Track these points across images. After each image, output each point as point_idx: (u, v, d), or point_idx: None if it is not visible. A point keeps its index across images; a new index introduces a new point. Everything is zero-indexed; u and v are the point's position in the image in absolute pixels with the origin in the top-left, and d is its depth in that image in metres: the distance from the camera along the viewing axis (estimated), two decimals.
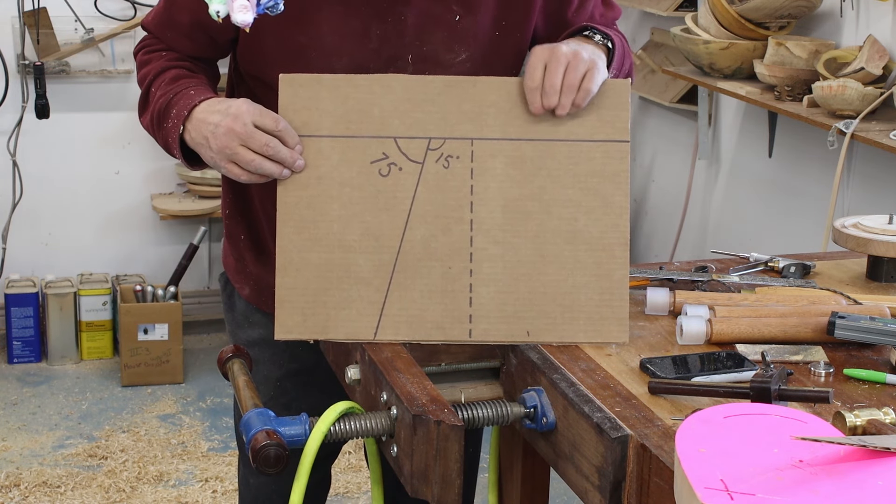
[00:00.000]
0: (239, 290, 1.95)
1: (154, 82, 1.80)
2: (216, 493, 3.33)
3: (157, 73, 1.80)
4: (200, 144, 1.67)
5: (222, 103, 1.66)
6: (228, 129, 1.61)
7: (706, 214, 3.90)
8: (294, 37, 1.70)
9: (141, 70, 1.84)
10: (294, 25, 1.69)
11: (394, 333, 1.63)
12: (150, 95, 1.79)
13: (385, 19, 1.72)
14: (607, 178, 1.63)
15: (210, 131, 1.64)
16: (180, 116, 1.69)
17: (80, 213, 4.34)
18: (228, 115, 1.62)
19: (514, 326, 1.62)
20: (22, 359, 4.18)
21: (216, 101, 1.68)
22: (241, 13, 1.49)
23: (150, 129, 1.80)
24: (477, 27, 1.76)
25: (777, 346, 1.61)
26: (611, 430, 1.34)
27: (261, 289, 1.90)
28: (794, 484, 1.10)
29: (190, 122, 1.68)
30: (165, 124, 1.73)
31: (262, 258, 1.89)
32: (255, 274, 1.91)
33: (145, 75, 1.82)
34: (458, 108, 1.63)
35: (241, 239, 1.92)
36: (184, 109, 1.69)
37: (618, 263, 1.62)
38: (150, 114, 1.78)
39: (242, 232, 1.92)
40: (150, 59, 1.83)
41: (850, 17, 3.14)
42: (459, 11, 1.74)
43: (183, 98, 1.72)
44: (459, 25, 1.75)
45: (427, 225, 1.64)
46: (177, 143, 1.70)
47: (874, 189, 3.06)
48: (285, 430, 1.44)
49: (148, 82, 1.81)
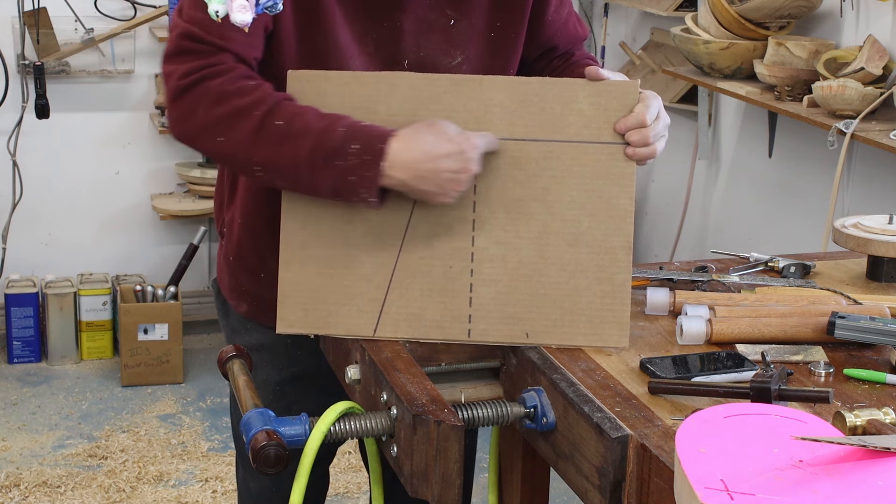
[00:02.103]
0: (235, 308, 1.93)
1: (274, 113, 1.58)
2: (216, 493, 3.33)
3: (274, 103, 1.59)
4: (424, 191, 1.57)
5: (443, 144, 1.55)
6: (470, 174, 1.57)
7: (706, 214, 3.90)
8: (310, 37, 1.69)
9: (228, 102, 1.60)
10: (310, 25, 1.69)
11: (393, 331, 1.63)
12: (276, 129, 1.57)
13: (381, 24, 1.72)
14: (613, 180, 1.62)
15: (447, 178, 1.56)
16: (376, 157, 1.54)
17: (80, 213, 4.34)
18: (466, 160, 1.56)
19: (514, 328, 1.62)
20: (22, 359, 4.18)
21: (426, 140, 1.56)
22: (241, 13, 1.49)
23: (299, 165, 1.57)
24: (472, 30, 1.76)
25: (777, 346, 1.61)
26: (611, 430, 1.34)
27: (260, 305, 1.88)
28: (794, 484, 1.10)
29: (395, 168, 1.54)
30: (339, 163, 1.55)
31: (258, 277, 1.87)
32: (252, 292, 1.89)
33: (250, 106, 1.59)
34: (464, 107, 1.62)
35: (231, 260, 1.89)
36: (378, 149, 1.54)
37: (620, 267, 1.62)
38: (303, 149, 1.56)
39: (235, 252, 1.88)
40: (242, 89, 1.60)
41: (850, 17, 3.13)
42: (454, 16, 1.75)
43: (364, 134, 1.56)
44: (454, 29, 1.75)
45: (429, 224, 1.63)
46: (376, 189, 1.56)
47: (874, 189, 3.06)
48: (285, 430, 1.44)
49: (263, 115, 1.58)
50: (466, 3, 1.75)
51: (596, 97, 1.62)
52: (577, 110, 1.62)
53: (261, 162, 1.59)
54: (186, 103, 1.62)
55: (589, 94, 1.62)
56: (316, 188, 1.59)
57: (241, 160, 1.62)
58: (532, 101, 1.62)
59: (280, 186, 1.64)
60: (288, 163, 1.58)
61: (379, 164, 1.54)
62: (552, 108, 1.62)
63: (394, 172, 1.55)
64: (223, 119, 1.60)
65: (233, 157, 1.63)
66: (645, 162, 1.63)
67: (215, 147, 1.62)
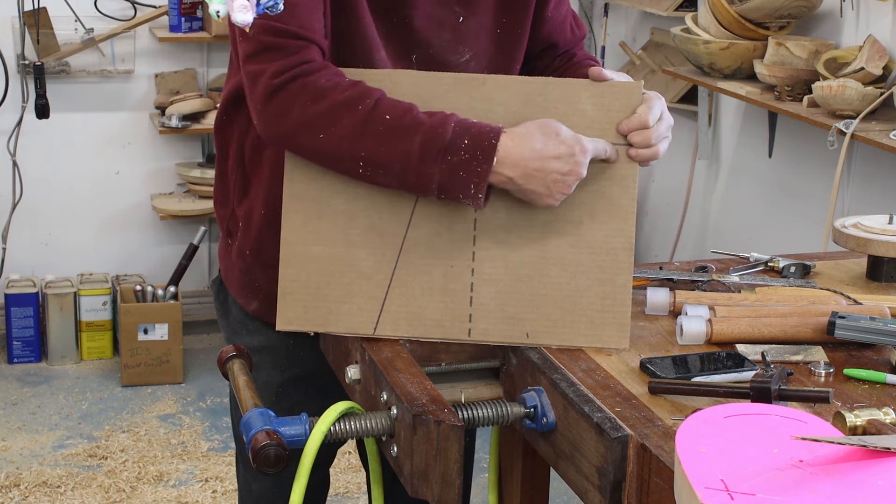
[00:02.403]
0: (244, 305, 1.91)
1: (380, 108, 1.57)
2: (216, 493, 3.33)
3: (378, 98, 1.58)
4: (532, 191, 1.56)
5: (554, 144, 1.55)
6: (578, 177, 1.57)
7: (706, 214, 3.90)
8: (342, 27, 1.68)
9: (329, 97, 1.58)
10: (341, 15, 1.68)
11: (393, 329, 1.63)
12: (383, 123, 1.56)
13: (391, 19, 1.72)
14: (615, 180, 1.62)
15: (555, 180, 1.56)
16: (487, 152, 1.54)
17: (80, 213, 4.34)
18: (575, 163, 1.56)
19: (514, 328, 1.62)
20: (22, 359, 4.18)
21: (537, 139, 1.56)
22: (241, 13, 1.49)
23: (409, 159, 1.55)
24: (479, 27, 1.77)
25: (777, 346, 1.61)
26: (611, 430, 1.34)
27: (271, 303, 1.87)
28: (794, 484, 1.10)
29: (505, 165, 1.54)
30: (451, 158, 1.54)
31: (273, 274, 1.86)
32: (265, 289, 1.87)
33: (352, 100, 1.57)
34: (467, 106, 1.62)
35: (247, 254, 1.88)
36: (490, 145, 1.54)
37: (621, 268, 1.62)
38: (414, 143, 1.55)
39: (252, 248, 1.87)
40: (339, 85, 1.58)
41: (850, 17, 3.13)
42: (462, 13, 1.75)
43: (475, 129, 1.55)
44: (463, 26, 1.75)
45: (430, 222, 1.63)
46: (485, 185, 1.55)
47: (874, 189, 3.06)
48: (285, 430, 1.44)
49: (368, 109, 1.57)
50: (474, 1, 1.75)
51: (599, 98, 1.62)
52: (580, 110, 1.62)
53: (367, 157, 1.57)
54: (281, 101, 1.59)
55: (592, 95, 1.62)
56: (423, 184, 1.57)
57: (344, 156, 1.59)
58: (535, 100, 1.62)
59: (382, 183, 1.61)
60: (397, 157, 1.56)
61: (491, 160, 1.54)
62: (555, 108, 1.62)
63: (503, 170, 1.55)
64: (324, 115, 1.57)
65: (335, 154, 1.60)
66: (648, 163, 1.63)
67: (316, 144, 1.59)
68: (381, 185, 1.61)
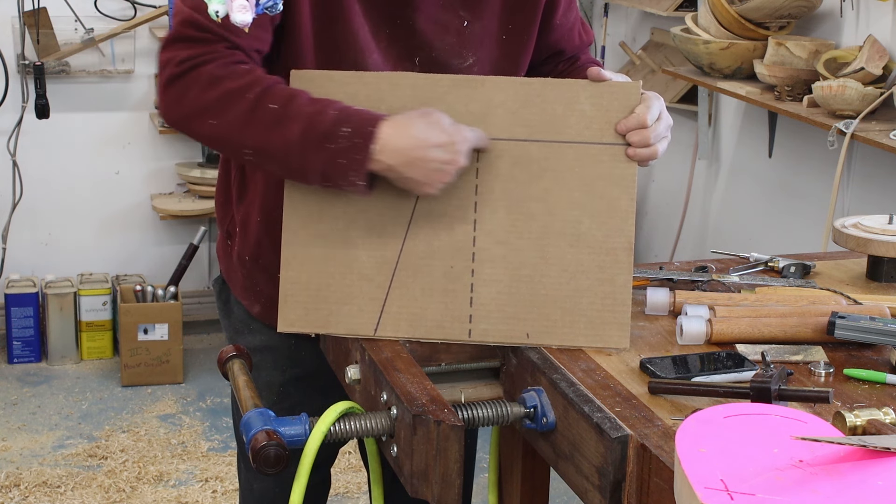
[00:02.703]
0: (248, 308, 1.92)
1: (269, 96, 1.58)
2: (216, 493, 3.33)
3: (268, 86, 1.59)
4: (412, 179, 1.57)
5: (435, 133, 1.56)
6: (458, 166, 1.57)
7: (706, 214, 3.90)
8: (328, 29, 1.69)
9: (221, 84, 1.60)
10: (330, 19, 1.68)
11: (394, 330, 1.63)
12: (269, 111, 1.57)
13: (394, 22, 1.72)
14: (614, 181, 1.62)
15: (435, 168, 1.56)
16: (366, 139, 1.54)
17: (80, 213, 4.34)
18: (454, 152, 1.57)
19: (514, 328, 1.62)
20: (22, 359, 4.18)
21: (417, 128, 1.56)
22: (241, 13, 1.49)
23: (290, 147, 1.56)
24: (484, 32, 1.76)
25: (777, 346, 1.61)
26: (611, 430, 1.34)
27: (273, 306, 1.87)
28: (794, 484, 1.10)
29: (385, 153, 1.54)
30: (330, 145, 1.55)
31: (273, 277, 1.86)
32: (266, 293, 1.88)
33: (243, 88, 1.59)
34: (466, 108, 1.62)
35: (247, 259, 1.88)
36: (368, 132, 1.54)
37: (621, 268, 1.62)
38: (295, 131, 1.56)
39: (251, 252, 1.87)
40: (234, 73, 1.60)
41: (850, 17, 3.14)
42: (467, 17, 1.75)
43: (356, 117, 1.56)
44: (467, 31, 1.75)
45: (430, 224, 1.63)
46: (364, 173, 1.55)
47: (874, 189, 3.06)
48: (285, 430, 1.44)
49: (256, 97, 1.58)
50: (479, 5, 1.75)
51: (598, 98, 1.62)
52: (578, 111, 1.62)
53: (252, 145, 1.59)
54: (178, 88, 1.62)
55: (591, 95, 1.62)
56: (306, 172, 1.58)
57: (232, 143, 1.61)
58: (534, 101, 1.62)
59: (272, 171, 1.64)
60: (279, 146, 1.57)
61: (369, 147, 1.54)
62: (554, 108, 1.62)
63: (383, 157, 1.55)
64: (215, 102, 1.59)
65: (225, 141, 1.62)
66: (646, 163, 1.63)
67: (207, 130, 1.61)
68: (271, 172, 1.63)
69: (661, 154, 1.63)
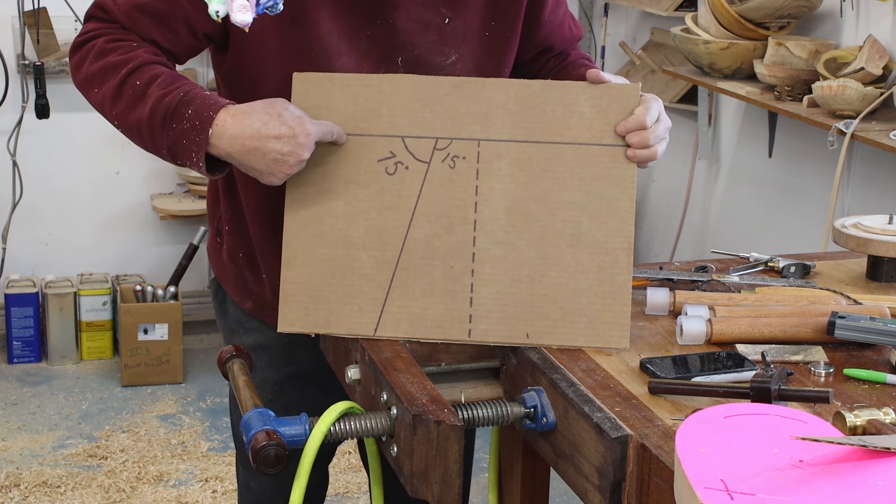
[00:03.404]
0: (240, 304, 1.93)
1: (137, 73, 1.64)
2: (216, 493, 3.33)
3: (140, 64, 1.65)
4: (252, 168, 1.58)
5: (275, 124, 1.57)
6: (300, 159, 1.58)
7: (706, 214, 3.90)
8: (294, 36, 1.70)
9: (105, 57, 1.67)
10: (294, 24, 1.69)
11: (394, 330, 1.63)
12: (133, 87, 1.63)
13: (374, 22, 1.72)
14: (613, 181, 1.62)
15: (275, 159, 1.57)
16: (205, 123, 1.58)
17: (80, 213, 4.34)
18: (296, 145, 1.57)
19: (514, 328, 1.62)
20: (22, 359, 4.18)
21: (258, 117, 1.57)
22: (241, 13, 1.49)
23: (142, 125, 1.63)
24: (466, 29, 1.76)
25: (777, 346, 1.61)
26: (611, 430, 1.34)
27: (263, 304, 1.89)
28: (794, 484, 1.10)
29: (223, 139, 1.57)
30: (175, 126, 1.60)
31: (260, 277, 1.88)
32: (255, 291, 1.90)
33: (120, 63, 1.65)
34: (466, 109, 1.63)
35: (240, 257, 1.90)
36: (207, 116, 1.58)
37: (621, 268, 1.62)
38: (146, 109, 1.62)
39: (240, 250, 1.89)
40: (121, 48, 1.67)
41: (850, 17, 3.14)
42: (448, 14, 1.75)
43: (199, 100, 1.60)
44: (449, 28, 1.75)
45: (431, 224, 1.64)
46: (203, 155, 1.59)
47: (874, 189, 3.06)
48: (285, 430, 1.44)
49: (127, 72, 1.64)
50: (460, 2, 1.75)
51: (597, 100, 1.62)
52: (578, 112, 1.62)
53: (117, 118, 1.66)
54: (77, 57, 1.72)
55: (590, 97, 1.62)
56: (157, 148, 1.64)
57: (106, 114, 1.69)
58: (534, 103, 1.63)
59: (137, 144, 1.69)
60: (134, 122, 1.64)
61: (207, 131, 1.57)
62: (553, 110, 1.62)
63: (220, 143, 1.58)
64: (99, 72, 1.67)
65: (102, 111, 1.69)
66: (646, 164, 1.63)
67: (93, 98, 1.70)
68: (138, 146, 1.69)
69: (659, 155, 1.64)
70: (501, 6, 1.78)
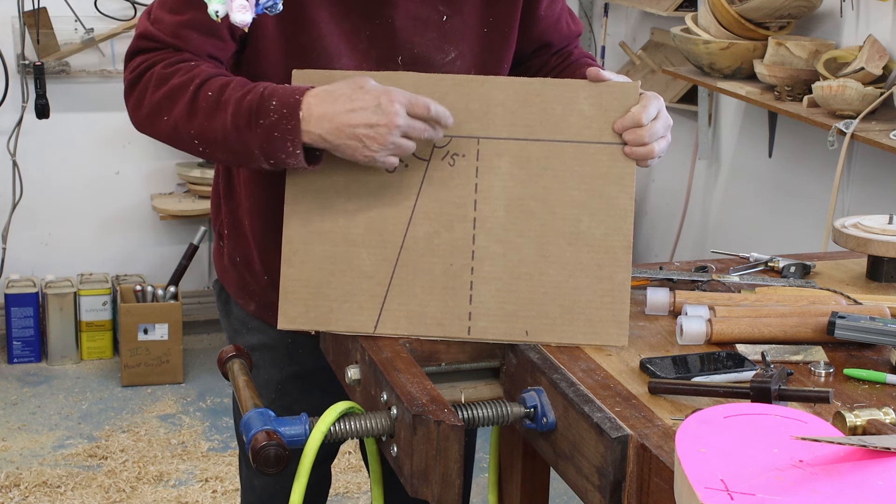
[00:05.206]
0: (244, 306, 1.93)
1: (206, 86, 1.61)
2: (216, 493, 3.33)
3: (207, 78, 1.62)
4: (346, 146, 1.55)
5: (359, 96, 1.54)
6: (391, 126, 1.54)
7: (706, 214, 3.90)
8: (296, 37, 1.70)
9: (168, 82, 1.63)
10: (296, 25, 1.70)
11: (393, 328, 1.64)
12: (207, 99, 1.60)
13: (373, 21, 1.72)
14: (613, 180, 1.62)
15: (365, 133, 1.54)
16: (293, 109, 1.55)
17: (80, 213, 4.34)
18: (383, 113, 1.54)
19: (513, 326, 1.62)
20: (22, 359, 4.18)
21: (342, 93, 1.55)
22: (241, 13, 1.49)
23: (227, 131, 1.59)
24: (465, 26, 1.77)
25: (777, 346, 1.61)
26: (611, 430, 1.34)
27: (265, 305, 1.89)
28: (794, 484, 1.10)
29: (311, 122, 1.54)
30: (262, 121, 1.56)
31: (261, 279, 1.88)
32: (257, 293, 1.90)
33: (185, 83, 1.62)
34: (466, 107, 1.63)
35: (237, 261, 1.90)
36: (294, 101, 1.55)
37: (620, 266, 1.62)
38: (227, 115, 1.58)
39: (238, 254, 1.90)
40: (180, 69, 1.64)
41: (850, 17, 3.14)
42: (446, 12, 1.75)
43: (280, 91, 1.57)
44: (447, 25, 1.76)
45: (430, 221, 1.64)
46: (299, 142, 1.56)
47: (874, 189, 3.06)
48: (285, 430, 1.44)
49: (196, 88, 1.61)
50: None
51: (597, 98, 1.62)
52: (577, 111, 1.62)
53: (198, 135, 1.61)
54: (135, 94, 1.67)
55: (590, 95, 1.62)
56: (248, 152, 1.59)
57: (183, 137, 1.63)
58: (533, 101, 1.63)
59: (220, 159, 1.66)
60: (219, 131, 1.59)
61: (297, 116, 1.54)
62: (553, 108, 1.63)
63: (311, 127, 1.55)
64: (164, 99, 1.63)
65: (178, 136, 1.64)
66: (647, 163, 1.63)
67: (163, 128, 1.64)
68: (221, 161, 1.66)
69: (658, 153, 1.63)
70: (498, 2, 1.78)
